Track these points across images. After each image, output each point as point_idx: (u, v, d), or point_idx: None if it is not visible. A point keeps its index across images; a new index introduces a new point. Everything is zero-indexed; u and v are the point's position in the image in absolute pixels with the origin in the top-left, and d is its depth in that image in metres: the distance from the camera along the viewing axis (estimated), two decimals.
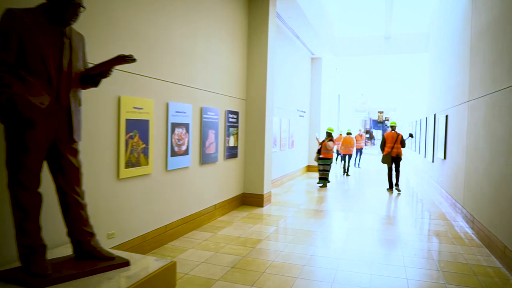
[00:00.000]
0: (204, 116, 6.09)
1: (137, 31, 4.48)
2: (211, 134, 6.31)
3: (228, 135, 7.01)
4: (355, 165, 16.66)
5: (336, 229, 6.37)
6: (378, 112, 44.63)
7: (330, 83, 17.72)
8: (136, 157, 4.47)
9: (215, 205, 6.65)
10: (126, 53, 2.76)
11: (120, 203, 4.30)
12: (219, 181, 6.76)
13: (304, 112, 13.57)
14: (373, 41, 13.87)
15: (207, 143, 6.19)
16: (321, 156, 10.65)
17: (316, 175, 12.55)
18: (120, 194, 4.29)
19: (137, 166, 4.49)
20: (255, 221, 6.62)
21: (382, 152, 10.52)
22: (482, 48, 6.06)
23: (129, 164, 4.35)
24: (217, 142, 6.57)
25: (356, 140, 16.09)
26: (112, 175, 4.15)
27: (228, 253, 4.93)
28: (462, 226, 6.57)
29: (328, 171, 10.73)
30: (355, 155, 16.24)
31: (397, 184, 10.42)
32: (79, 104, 2.93)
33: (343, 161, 13.93)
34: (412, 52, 13.53)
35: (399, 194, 10.06)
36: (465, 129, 6.91)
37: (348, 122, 26.10)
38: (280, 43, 10.45)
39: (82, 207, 2.96)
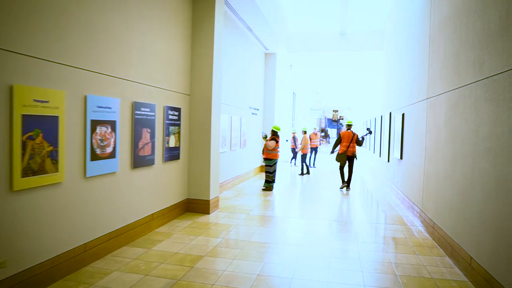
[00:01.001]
0: (137, 112, 5.22)
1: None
2: (145, 134, 5.46)
3: (168, 135, 6.17)
4: (309, 165, 16.25)
5: (288, 238, 5.73)
6: (333, 110, 45.14)
7: (285, 80, 17.22)
8: (39, 162, 3.56)
9: (152, 214, 5.81)
10: None
11: (16, 222, 3.37)
12: (156, 187, 5.91)
13: (258, 109, 12.93)
14: (328, 37, 13.49)
15: (140, 144, 5.33)
16: (263, 156, 9.97)
17: None
18: (16, 210, 3.36)
19: (41, 174, 3.58)
20: (199, 231, 5.84)
21: (333, 149, 10.65)
22: (442, 41, 5.66)
23: (28, 172, 3.43)
24: (154, 142, 5.72)
25: (311, 139, 15.72)
26: (2, 187, 3.22)
27: (160, 275, 4.12)
28: (421, 231, 6.17)
29: (270, 172, 9.82)
30: (309, 154, 15.87)
31: (348, 184, 10.35)
32: None
33: (294, 160, 13.64)
34: (367, 50, 13.28)
35: (347, 192, 10.11)
36: (423, 128, 6.53)
37: (303, 121, 25.87)
38: (231, 35, 9.71)
39: None
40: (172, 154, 6.35)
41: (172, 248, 5.05)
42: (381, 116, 12.51)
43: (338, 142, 10.35)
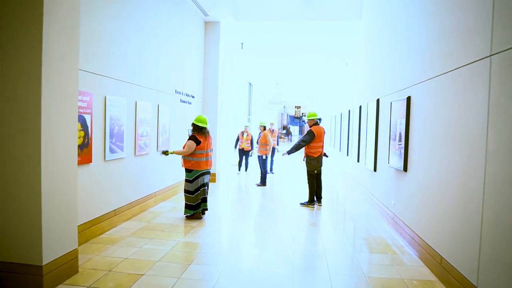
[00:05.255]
0: None
1: None
2: None
3: None
4: (267, 170, 12.84)
5: None
6: (295, 107, 42.21)
7: (236, 64, 13.74)
8: None
9: None
10: None
11: None
12: None
13: (193, 97, 9.29)
14: (289, 2, 10.05)
15: None
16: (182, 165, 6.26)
17: (211, 188, 8.12)
18: None
19: None
20: None
21: (297, 149, 7.49)
22: None
23: None
24: None
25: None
26: None
27: None
28: None
29: (191, 192, 6.13)
30: (270, 157, 12.54)
31: (320, 197, 7.73)
32: None
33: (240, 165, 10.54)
34: (339, 19, 9.96)
35: (319, 206, 7.61)
36: (482, 116, 3.21)
37: (262, 115, 22.51)
38: None
39: None
40: None
41: None
42: (360, 107, 9.27)
43: (310, 141, 7.34)
